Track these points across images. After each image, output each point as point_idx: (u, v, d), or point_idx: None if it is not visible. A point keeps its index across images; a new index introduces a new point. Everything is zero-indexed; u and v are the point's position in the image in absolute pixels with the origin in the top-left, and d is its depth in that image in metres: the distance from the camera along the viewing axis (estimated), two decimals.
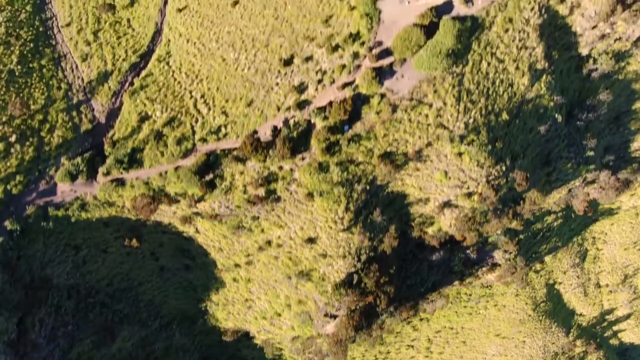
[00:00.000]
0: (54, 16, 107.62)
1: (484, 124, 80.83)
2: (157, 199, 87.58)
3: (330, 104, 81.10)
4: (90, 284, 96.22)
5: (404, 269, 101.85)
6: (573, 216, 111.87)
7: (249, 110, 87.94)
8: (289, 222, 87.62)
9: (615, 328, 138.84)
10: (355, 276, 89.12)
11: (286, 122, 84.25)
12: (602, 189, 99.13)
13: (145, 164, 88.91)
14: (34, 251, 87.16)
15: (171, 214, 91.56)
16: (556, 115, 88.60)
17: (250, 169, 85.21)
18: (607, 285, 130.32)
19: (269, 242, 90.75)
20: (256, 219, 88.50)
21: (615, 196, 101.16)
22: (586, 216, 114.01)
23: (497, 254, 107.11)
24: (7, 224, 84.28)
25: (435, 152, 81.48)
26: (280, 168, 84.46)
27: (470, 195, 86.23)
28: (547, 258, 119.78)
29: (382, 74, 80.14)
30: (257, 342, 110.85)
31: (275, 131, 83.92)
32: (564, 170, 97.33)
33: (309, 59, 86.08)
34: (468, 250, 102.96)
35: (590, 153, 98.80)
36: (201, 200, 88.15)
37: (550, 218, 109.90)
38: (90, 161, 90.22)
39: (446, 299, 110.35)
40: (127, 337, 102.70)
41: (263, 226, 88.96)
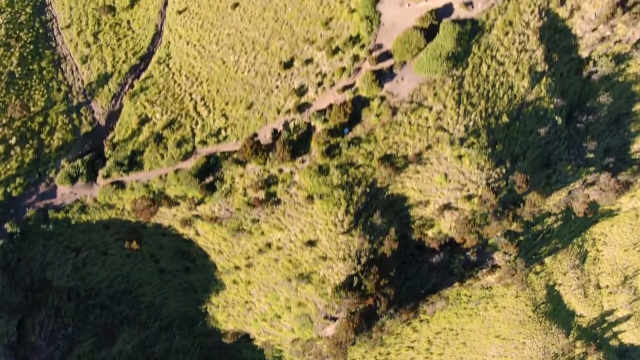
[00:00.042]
0: (54, 18, 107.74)
1: (484, 126, 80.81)
2: (157, 201, 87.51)
3: (330, 106, 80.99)
4: (90, 286, 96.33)
5: (404, 271, 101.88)
6: (573, 218, 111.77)
7: (249, 112, 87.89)
8: (289, 225, 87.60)
9: (615, 329, 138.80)
10: (355, 278, 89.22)
11: (286, 125, 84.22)
12: (602, 190, 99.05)
13: (145, 166, 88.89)
14: (34, 254, 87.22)
15: (171, 216, 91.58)
16: (556, 118, 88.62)
17: (250, 172, 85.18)
18: (607, 287, 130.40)
19: (269, 245, 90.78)
20: (256, 221, 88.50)
21: (615, 198, 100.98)
22: (586, 218, 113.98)
23: (497, 256, 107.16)
24: (7, 226, 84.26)
25: (435, 154, 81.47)
26: (280, 171, 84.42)
27: (470, 198, 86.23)
28: (547, 259, 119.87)
29: (382, 76, 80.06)
30: (257, 344, 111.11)
31: (275, 134, 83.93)
32: (564, 172, 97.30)
33: (309, 61, 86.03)
34: (468, 252, 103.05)
35: (590, 155, 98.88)
36: (201, 202, 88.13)
37: (550, 220, 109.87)
38: (90, 164, 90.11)
39: (446, 301, 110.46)
40: (127, 339, 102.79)
41: (263, 229, 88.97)
